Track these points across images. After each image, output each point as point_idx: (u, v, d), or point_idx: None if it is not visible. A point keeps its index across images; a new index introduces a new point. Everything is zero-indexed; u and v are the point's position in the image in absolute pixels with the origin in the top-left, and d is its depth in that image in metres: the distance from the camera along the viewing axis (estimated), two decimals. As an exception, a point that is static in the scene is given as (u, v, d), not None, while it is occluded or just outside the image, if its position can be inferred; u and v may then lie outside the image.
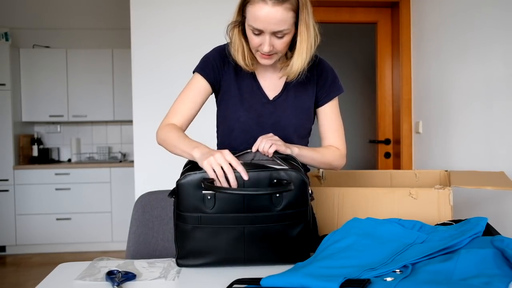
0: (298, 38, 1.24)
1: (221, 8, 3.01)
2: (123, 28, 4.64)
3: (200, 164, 1.08)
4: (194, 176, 1.05)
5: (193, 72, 1.38)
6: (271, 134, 1.23)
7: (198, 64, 1.37)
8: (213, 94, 1.42)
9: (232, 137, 1.36)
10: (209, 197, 1.04)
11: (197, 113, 1.37)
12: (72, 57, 4.78)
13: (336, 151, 1.39)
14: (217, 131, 1.44)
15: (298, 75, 1.29)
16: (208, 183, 1.01)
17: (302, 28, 1.22)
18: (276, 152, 1.18)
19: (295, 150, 1.24)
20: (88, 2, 5.01)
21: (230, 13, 1.32)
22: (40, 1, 4.96)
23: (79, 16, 5.00)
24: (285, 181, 1.03)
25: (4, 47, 4.48)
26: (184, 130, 1.33)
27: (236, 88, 1.35)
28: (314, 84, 1.38)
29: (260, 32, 1.20)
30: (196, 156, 1.12)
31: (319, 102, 1.40)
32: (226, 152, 1.05)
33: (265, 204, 1.04)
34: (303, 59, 1.25)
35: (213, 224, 1.04)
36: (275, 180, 1.04)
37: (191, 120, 1.36)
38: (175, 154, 1.25)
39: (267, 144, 1.16)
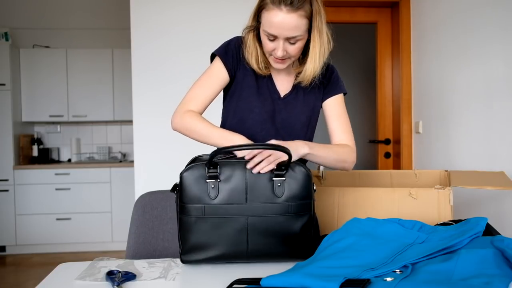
0: (311, 45, 1.27)
1: (221, 8, 3.01)
2: (123, 28, 4.64)
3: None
4: (197, 167, 1.07)
5: (212, 55, 1.39)
6: (267, 153, 1.10)
7: (220, 49, 1.38)
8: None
9: (245, 128, 1.37)
10: (212, 186, 1.06)
11: (212, 101, 1.38)
12: (72, 57, 4.78)
13: (347, 147, 1.37)
14: (224, 120, 1.44)
15: (312, 80, 1.33)
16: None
17: (315, 35, 1.26)
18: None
19: (305, 149, 1.20)
20: (88, 2, 5.01)
21: (230, 13, 1.33)
22: (40, 1, 4.96)
23: (79, 16, 5.00)
24: (284, 165, 1.06)
25: (4, 47, 4.48)
26: None
27: (253, 80, 1.38)
28: (321, 83, 1.41)
29: (274, 38, 1.24)
30: (238, 153, 1.17)
31: (324, 97, 1.43)
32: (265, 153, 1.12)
33: (267, 194, 1.06)
34: (316, 65, 1.29)
35: (217, 215, 1.06)
36: (274, 167, 1.07)
37: (207, 107, 1.38)
38: (201, 142, 1.31)
39: (262, 165, 1.08)
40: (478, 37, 2.28)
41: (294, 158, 1.13)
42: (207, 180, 1.06)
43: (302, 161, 1.19)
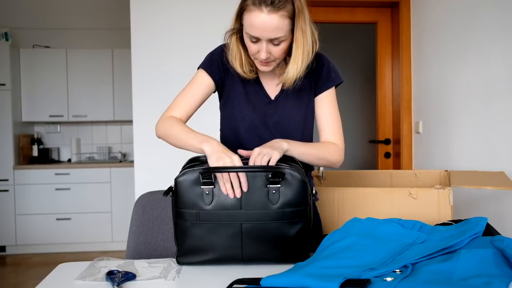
0: (294, 45, 1.24)
1: (221, 8, 3.01)
2: (123, 28, 4.64)
3: (209, 159, 1.11)
4: (192, 173, 1.07)
5: (198, 69, 1.38)
6: (267, 147, 1.15)
7: (204, 61, 1.38)
8: (217, 94, 1.43)
9: (239, 136, 1.37)
10: (207, 192, 1.05)
11: (196, 109, 1.38)
12: (72, 57, 4.78)
13: (331, 145, 1.34)
14: (222, 130, 1.44)
15: (294, 82, 1.29)
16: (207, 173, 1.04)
17: (298, 35, 1.22)
18: None
19: (285, 145, 1.19)
20: (88, 2, 5.01)
21: (230, 13, 1.32)
22: (40, 1, 4.96)
23: (79, 16, 5.00)
24: (281, 173, 1.04)
25: (4, 47, 4.48)
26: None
27: (242, 87, 1.36)
28: (311, 77, 1.37)
29: (257, 40, 1.22)
30: (207, 150, 1.14)
31: (316, 91, 1.38)
32: (236, 159, 1.09)
33: (262, 201, 1.05)
34: (299, 66, 1.25)
35: (211, 221, 1.05)
36: (270, 175, 1.05)
37: (191, 116, 1.37)
38: (178, 147, 1.28)
39: (264, 159, 1.11)
40: (478, 37, 2.28)
41: (278, 156, 1.12)
42: (201, 186, 1.05)
43: (306, 168, 1.17)
